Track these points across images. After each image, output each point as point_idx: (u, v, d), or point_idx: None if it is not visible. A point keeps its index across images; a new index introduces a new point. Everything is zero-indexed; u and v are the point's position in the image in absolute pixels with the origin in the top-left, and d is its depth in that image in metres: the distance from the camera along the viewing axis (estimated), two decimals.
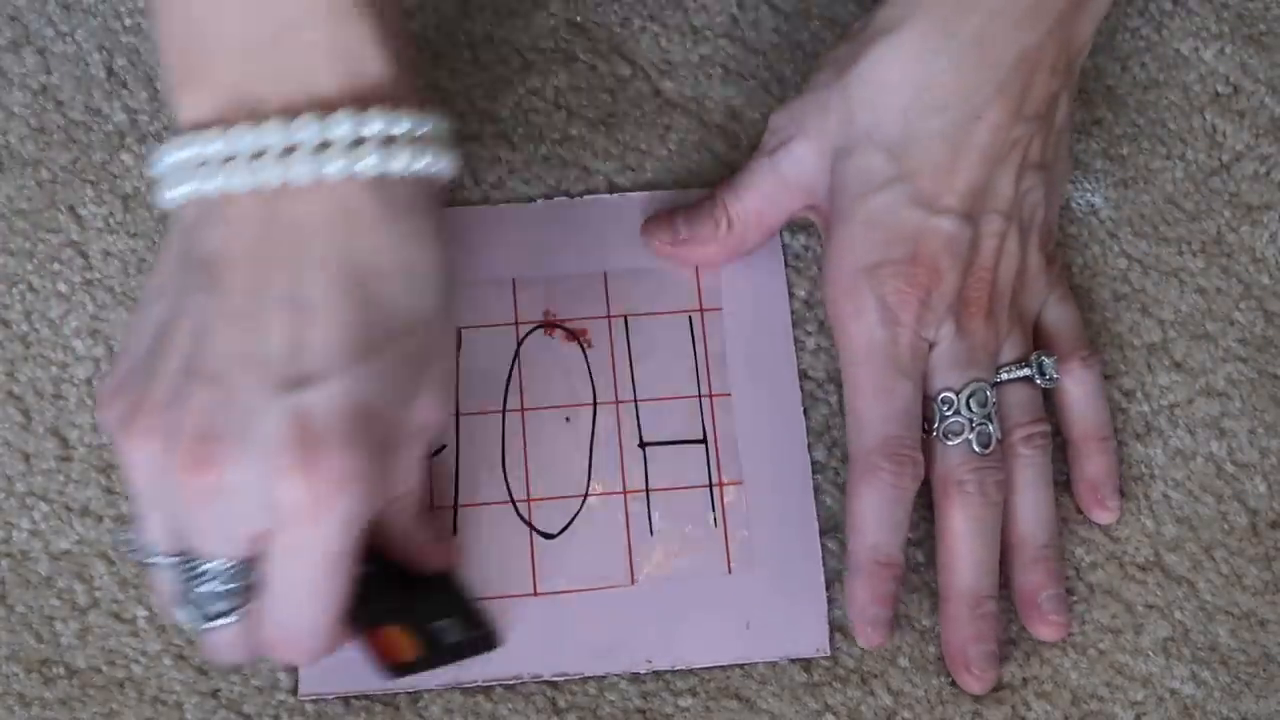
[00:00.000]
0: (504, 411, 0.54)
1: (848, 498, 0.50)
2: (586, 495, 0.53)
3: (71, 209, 0.56)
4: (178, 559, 0.43)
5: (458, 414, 0.54)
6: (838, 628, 0.52)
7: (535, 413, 0.54)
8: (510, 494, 0.53)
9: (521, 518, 0.53)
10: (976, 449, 0.51)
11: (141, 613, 0.52)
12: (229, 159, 0.40)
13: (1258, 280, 0.57)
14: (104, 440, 0.53)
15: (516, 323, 0.55)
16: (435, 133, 0.42)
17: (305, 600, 0.43)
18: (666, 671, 0.52)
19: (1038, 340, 0.54)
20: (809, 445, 0.54)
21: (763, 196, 0.53)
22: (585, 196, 0.57)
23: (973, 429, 0.50)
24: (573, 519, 0.53)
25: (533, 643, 0.51)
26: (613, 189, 0.57)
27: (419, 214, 0.42)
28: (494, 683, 0.51)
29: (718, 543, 0.53)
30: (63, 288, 0.55)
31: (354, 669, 0.50)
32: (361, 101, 0.41)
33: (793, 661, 0.52)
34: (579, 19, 0.59)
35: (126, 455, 0.42)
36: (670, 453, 0.54)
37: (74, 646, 0.51)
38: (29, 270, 0.55)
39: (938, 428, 0.51)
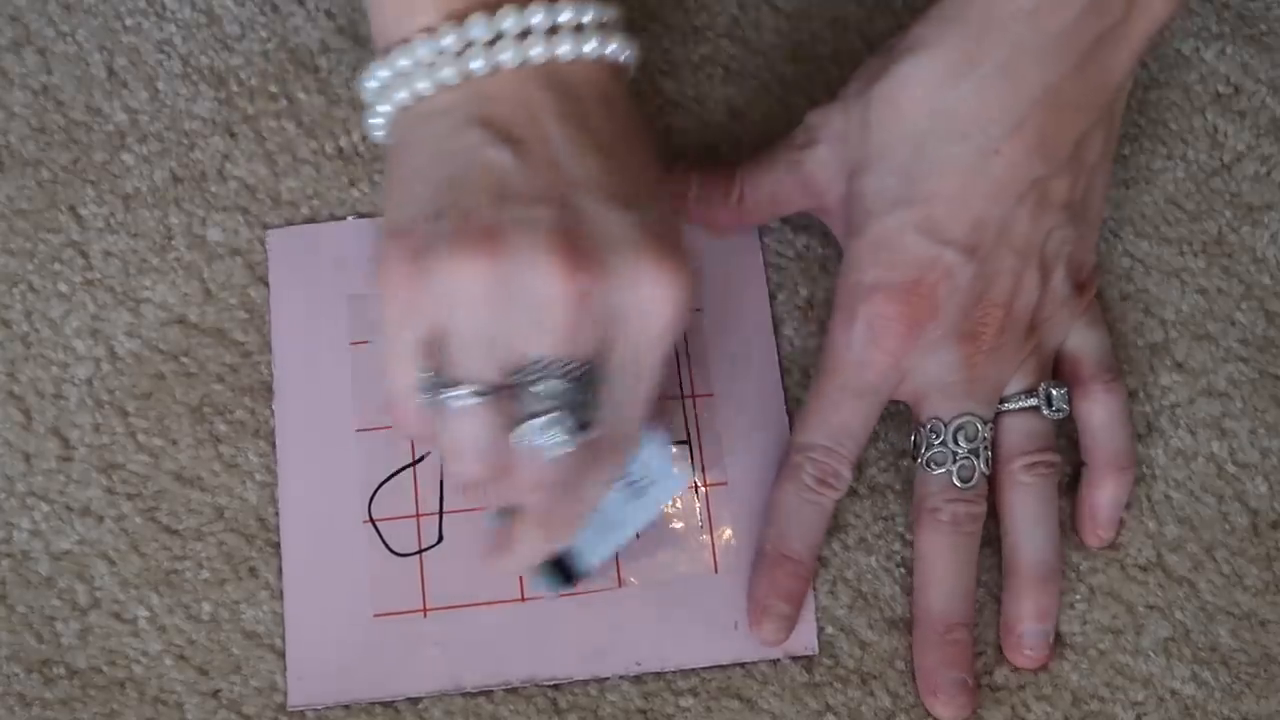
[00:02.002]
0: None
1: (771, 488, 0.52)
2: None
3: (72, 209, 0.56)
4: (504, 381, 0.42)
5: None
6: (841, 627, 0.52)
7: None
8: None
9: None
10: (956, 481, 0.51)
11: (142, 613, 0.52)
12: (492, 39, 0.42)
13: (1259, 281, 0.57)
14: (105, 440, 0.53)
15: None
16: (615, 22, 0.44)
17: (644, 389, 0.43)
18: (666, 671, 0.52)
19: (1061, 364, 0.54)
20: None
21: (778, 185, 0.53)
22: None
23: (955, 461, 0.51)
24: None
25: (521, 648, 0.51)
26: None
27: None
28: (483, 688, 0.51)
29: (704, 544, 0.53)
30: (63, 288, 0.55)
31: (342, 679, 0.51)
32: None
33: (794, 661, 0.52)
34: None
35: (448, 279, 0.41)
36: None
37: (75, 647, 0.51)
38: (29, 270, 0.55)
39: (923, 454, 0.52)
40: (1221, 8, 0.60)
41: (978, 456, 0.51)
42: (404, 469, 0.53)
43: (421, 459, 0.53)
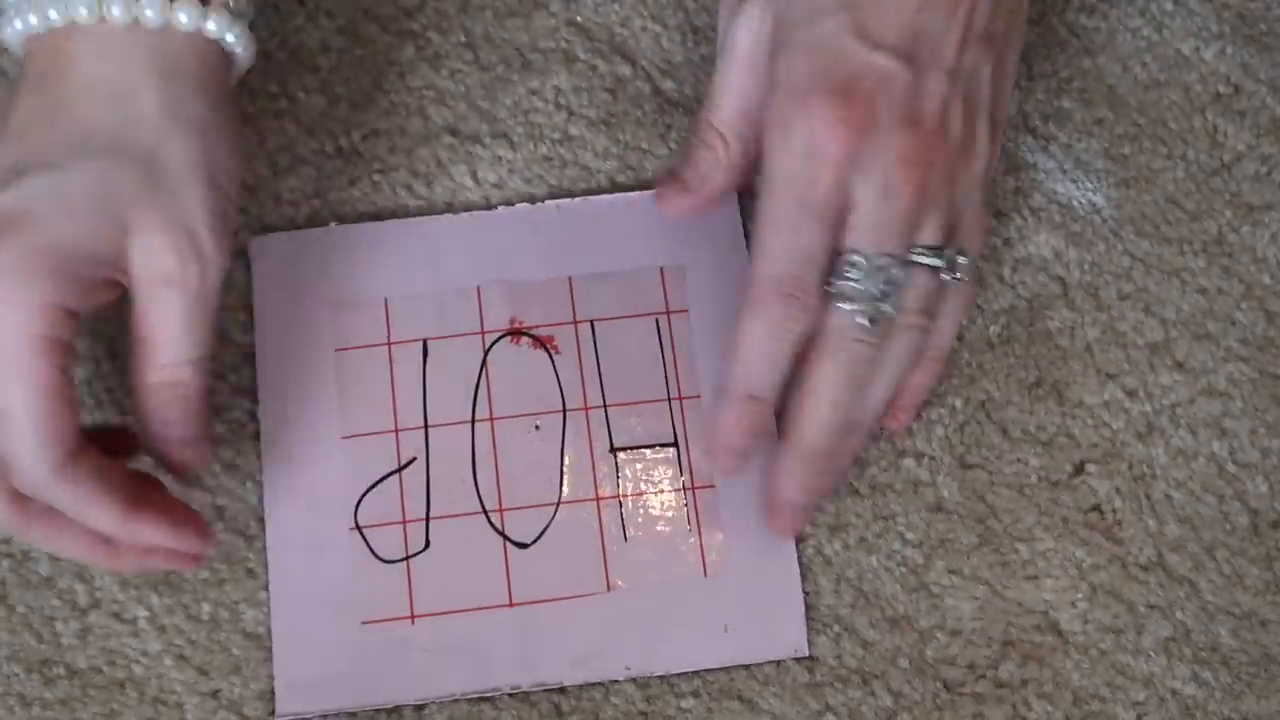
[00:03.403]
0: (473, 422, 0.54)
1: (736, 323, 0.49)
2: (559, 503, 0.53)
3: None
4: None
5: (426, 426, 0.54)
6: (843, 626, 0.52)
7: (504, 422, 0.54)
8: (482, 504, 0.53)
9: (494, 528, 0.53)
10: (864, 321, 0.48)
11: (142, 613, 0.52)
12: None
13: (1259, 280, 0.57)
14: None
15: (482, 332, 0.55)
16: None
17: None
18: (659, 675, 0.52)
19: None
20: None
21: (738, 93, 0.51)
22: (547, 201, 0.57)
23: (869, 302, 0.48)
24: (546, 527, 0.53)
25: (509, 654, 0.51)
26: (615, 189, 0.57)
27: (150, 62, 0.46)
28: (472, 695, 0.51)
29: (693, 547, 0.53)
30: None
31: (330, 688, 0.50)
32: None
33: (797, 661, 0.52)
34: (579, 19, 0.59)
35: None
36: (642, 457, 0.54)
37: (75, 647, 0.51)
38: None
39: (836, 285, 0.49)
40: (1221, 8, 0.60)
41: (888, 299, 0.48)
42: (390, 475, 0.53)
43: (407, 465, 0.53)
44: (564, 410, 0.54)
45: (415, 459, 0.53)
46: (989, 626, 0.53)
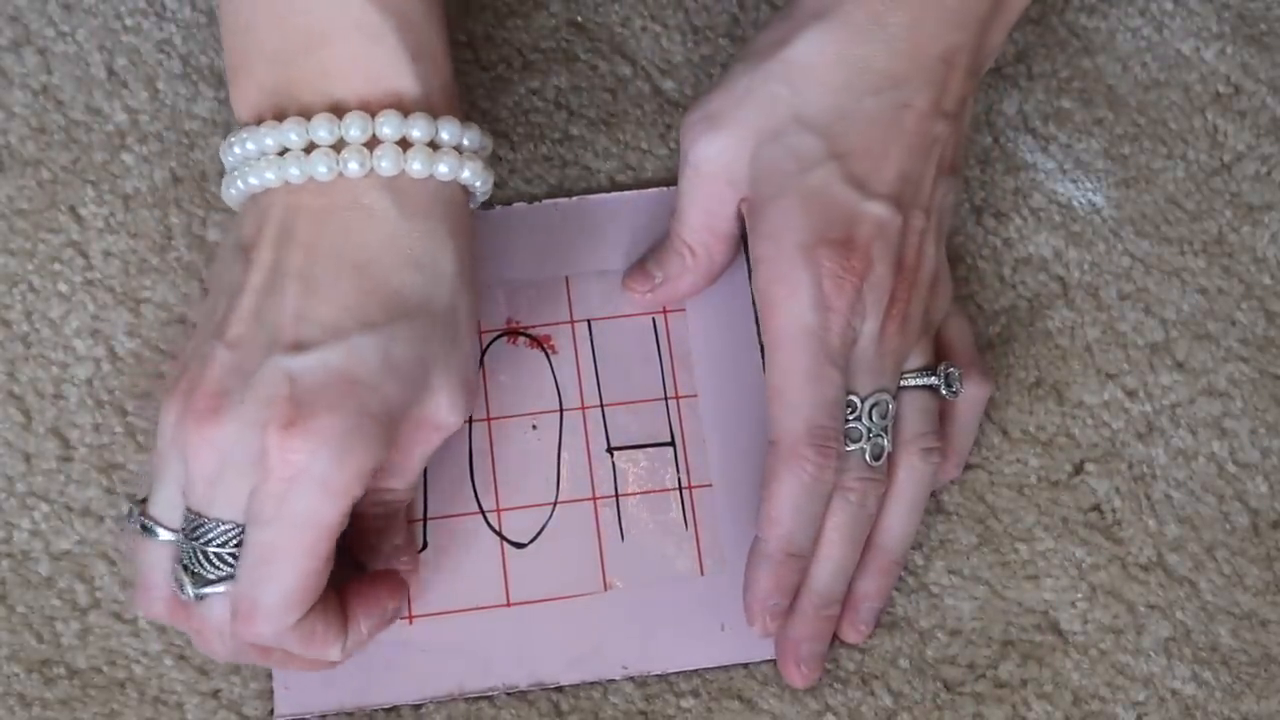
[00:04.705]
0: (470, 421, 0.54)
1: (766, 483, 0.49)
2: (556, 503, 0.53)
3: (72, 209, 0.56)
4: (182, 528, 0.45)
5: None
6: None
7: (501, 422, 0.54)
8: (480, 505, 0.53)
9: (492, 528, 0.53)
10: (868, 459, 0.49)
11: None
12: (262, 155, 0.45)
13: (1259, 280, 0.57)
14: (105, 440, 0.53)
15: (479, 332, 0.55)
16: (454, 141, 0.46)
17: (272, 564, 0.43)
18: (656, 674, 0.52)
19: (936, 352, 0.53)
20: None
21: (700, 208, 0.52)
22: (544, 201, 0.56)
23: (869, 439, 0.49)
24: (543, 527, 0.53)
25: (507, 653, 0.51)
26: (614, 189, 0.57)
27: (434, 216, 0.45)
28: (470, 694, 0.51)
29: (689, 546, 0.53)
30: (63, 288, 0.55)
31: (328, 688, 0.50)
32: (375, 107, 0.45)
33: None
34: (579, 19, 0.59)
35: (159, 419, 0.45)
36: (639, 456, 0.54)
37: (75, 647, 0.51)
38: (29, 270, 0.55)
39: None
40: (1221, 8, 0.60)
41: (886, 435, 0.50)
42: None
43: None
44: (561, 410, 0.54)
45: None
46: (989, 626, 0.53)
